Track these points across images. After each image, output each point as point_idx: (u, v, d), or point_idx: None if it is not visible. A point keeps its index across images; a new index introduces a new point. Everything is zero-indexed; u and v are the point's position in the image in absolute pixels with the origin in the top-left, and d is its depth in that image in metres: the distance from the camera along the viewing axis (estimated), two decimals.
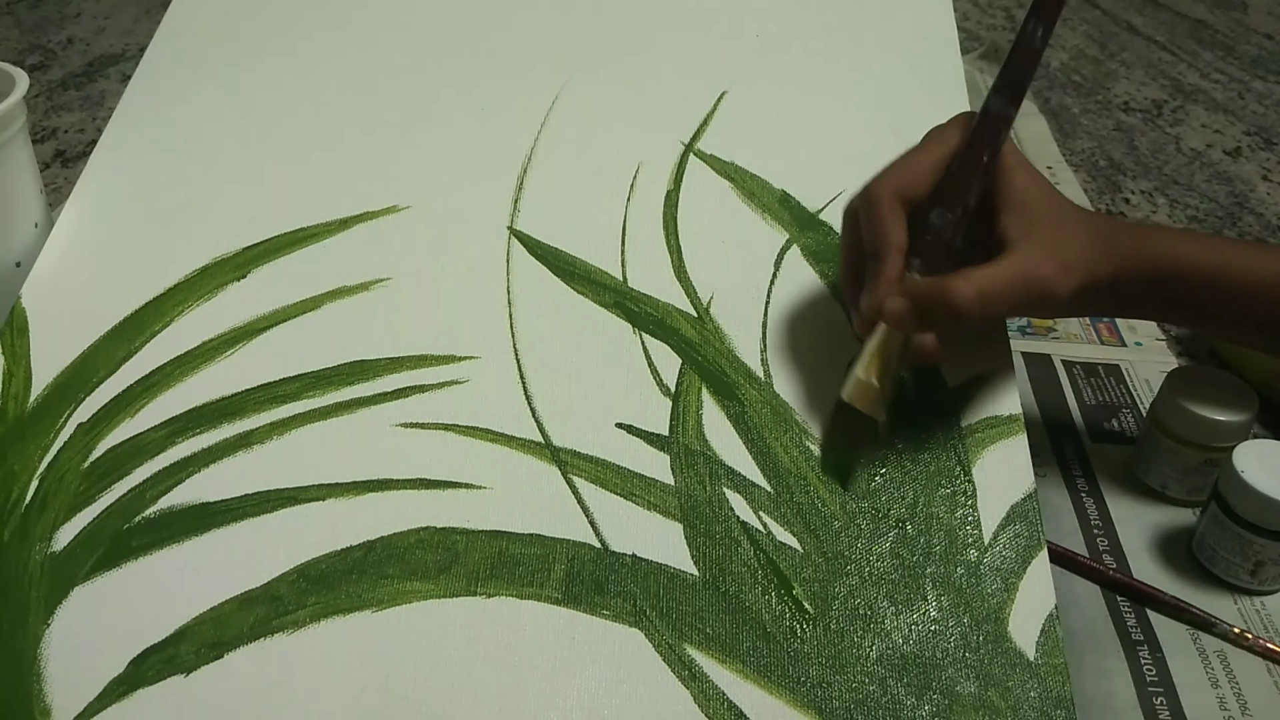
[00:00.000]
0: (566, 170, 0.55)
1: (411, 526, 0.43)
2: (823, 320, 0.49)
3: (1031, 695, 0.39)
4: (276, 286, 0.50)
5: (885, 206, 0.44)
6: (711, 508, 0.43)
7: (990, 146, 0.44)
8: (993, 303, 0.42)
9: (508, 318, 0.49)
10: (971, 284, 0.42)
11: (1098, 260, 0.45)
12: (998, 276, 0.43)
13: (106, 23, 1.16)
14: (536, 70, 0.59)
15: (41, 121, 0.97)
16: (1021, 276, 0.43)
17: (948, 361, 0.45)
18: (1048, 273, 0.43)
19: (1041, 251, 0.43)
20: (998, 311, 0.43)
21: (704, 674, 0.39)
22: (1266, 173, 0.93)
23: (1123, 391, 0.67)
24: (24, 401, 0.46)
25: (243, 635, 0.40)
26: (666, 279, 0.50)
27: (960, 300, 0.42)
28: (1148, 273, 0.47)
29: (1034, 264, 0.43)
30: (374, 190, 0.54)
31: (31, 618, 0.41)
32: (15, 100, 0.57)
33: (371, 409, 0.46)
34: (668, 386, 0.47)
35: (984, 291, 0.42)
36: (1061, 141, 0.96)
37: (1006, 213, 0.44)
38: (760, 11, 0.63)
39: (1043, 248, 0.44)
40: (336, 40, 0.62)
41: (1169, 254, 0.47)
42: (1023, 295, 0.43)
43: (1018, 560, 0.42)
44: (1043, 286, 0.43)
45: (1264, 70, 1.10)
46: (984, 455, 0.45)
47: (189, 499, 0.44)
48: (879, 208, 0.44)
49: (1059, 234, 0.44)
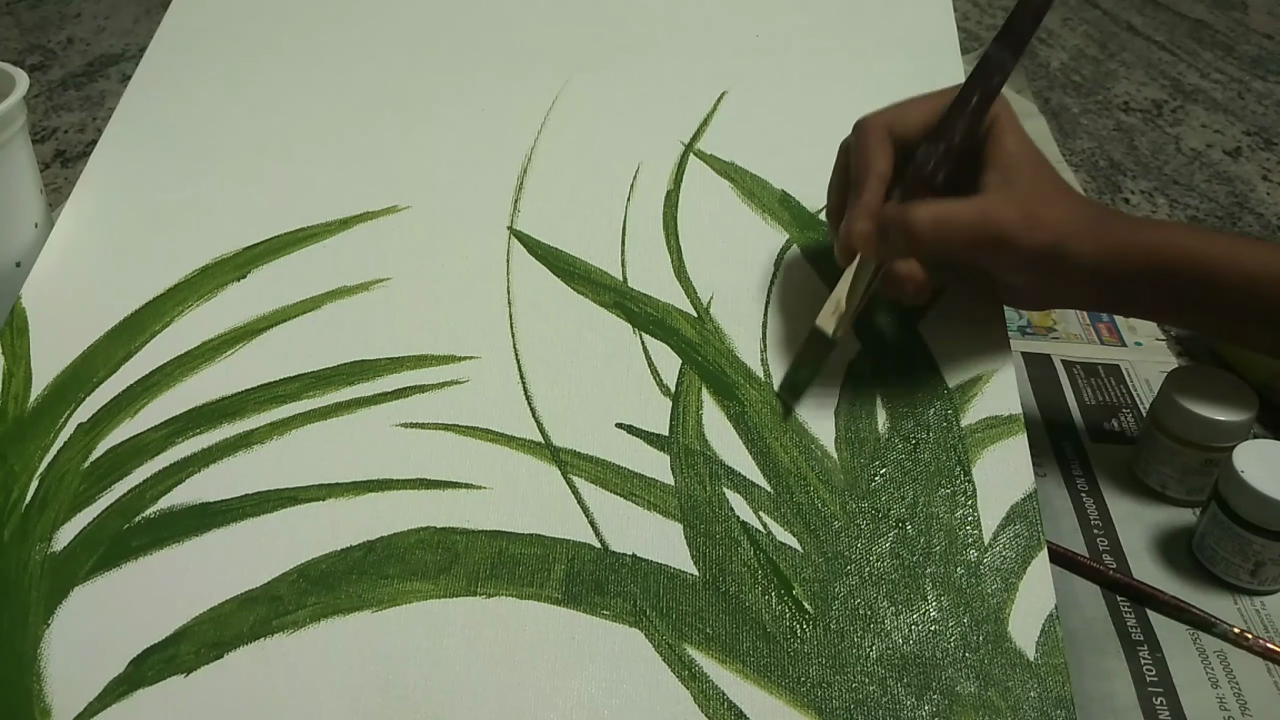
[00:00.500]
0: (566, 170, 0.55)
1: (411, 526, 0.43)
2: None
3: (1031, 695, 0.39)
4: (276, 286, 0.50)
5: (872, 136, 0.46)
6: (711, 508, 0.43)
7: (982, 90, 0.46)
8: (948, 232, 0.44)
9: (508, 318, 0.49)
10: (928, 210, 0.44)
11: (1077, 235, 0.45)
12: (957, 209, 0.44)
13: (106, 23, 1.16)
14: (536, 70, 0.59)
15: (41, 121, 0.97)
16: (980, 214, 0.44)
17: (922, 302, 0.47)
18: (1007, 216, 0.44)
19: (1009, 199, 0.45)
20: (952, 242, 0.44)
21: (704, 674, 0.39)
22: (1266, 173, 0.93)
23: (1123, 391, 0.67)
24: (24, 401, 0.47)
25: (243, 635, 0.40)
26: (666, 279, 0.50)
27: (915, 223, 0.43)
28: (1140, 262, 0.46)
29: (995, 206, 0.45)
30: (374, 190, 0.54)
31: (31, 618, 0.41)
32: (15, 100, 0.57)
33: (371, 409, 0.46)
34: (668, 386, 0.47)
35: (940, 219, 0.44)
36: (1061, 141, 0.96)
37: (989, 170, 0.46)
38: (760, 11, 0.63)
39: (1013, 196, 0.45)
40: (336, 40, 0.62)
41: (1159, 243, 0.47)
42: (978, 231, 0.44)
43: (1018, 560, 0.42)
44: (1001, 229, 0.44)
45: (1264, 70, 1.10)
46: (984, 455, 0.45)
47: (189, 499, 0.44)
48: (866, 136, 0.46)
49: (1033, 192, 0.45)
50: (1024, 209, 0.44)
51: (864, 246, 0.45)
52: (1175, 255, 0.47)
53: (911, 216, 0.44)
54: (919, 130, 0.46)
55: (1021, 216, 0.44)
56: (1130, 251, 0.46)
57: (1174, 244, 0.47)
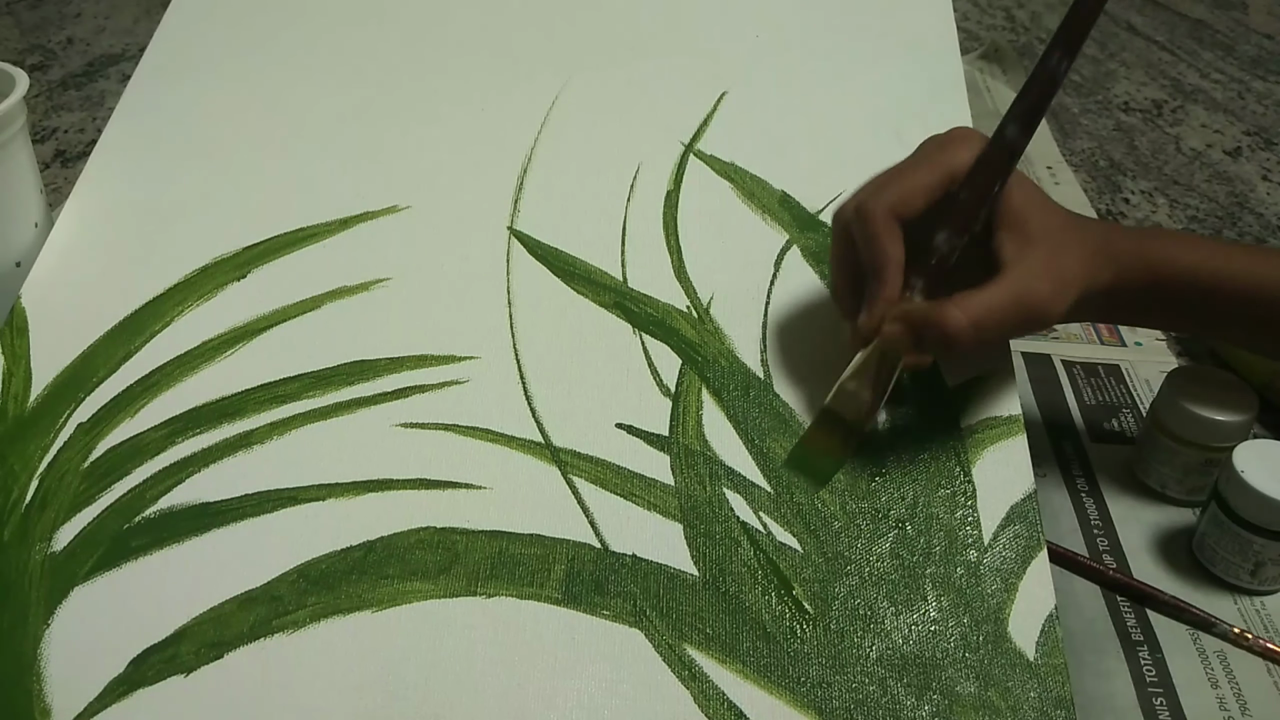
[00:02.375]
0: (566, 170, 0.55)
1: (411, 526, 0.43)
2: (823, 320, 0.49)
3: (1031, 695, 0.39)
4: (276, 286, 0.50)
5: (881, 223, 0.43)
6: (711, 508, 0.43)
7: (1002, 177, 0.44)
8: (986, 329, 0.42)
9: (508, 318, 0.49)
10: (965, 311, 0.42)
11: (1095, 271, 0.45)
12: (992, 301, 0.42)
13: (106, 23, 1.16)
14: (536, 70, 0.59)
15: (41, 121, 0.97)
16: (1015, 300, 0.43)
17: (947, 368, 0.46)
18: (1042, 294, 0.43)
19: (1036, 271, 0.43)
20: (992, 337, 0.43)
21: (704, 674, 0.39)
22: (1266, 173, 0.93)
23: (1123, 391, 0.67)
24: (24, 401, 0.47)
25: (243, 635, 0.40)
26: (666, 279, 0.50)
27: (953, 328, 0.42)
28: (1145, 279, 0.47)
29: (1028, 286, 0.43)
30: (374, 190, 0.54)
31: (31, 618, 0.41)
32: (15, 100, 0.57)
33: (371, 409, 0.46)
34: (668, 386, 0.47)
35: (978, 318, 0.42)
36: (1061, 141, 0.96)
37: (1002, 230, 0.44)
38: (760, 11, 0.63)
39: (1038, 267, 0.43)
40: (336, 40, 0.62)
41: (1166, 259, 0.47)
42: (1017, 318, 0.43)
43: (1018, 560, 0.42)
44: (1037, 308, 0.43)
45: (1264, 70, 1.10)
46: (984, 455, 0.45)
47: (189, 499, 0.44)
48: (875, 223, 0.43)
49: (1055, 251, 0.44)
50: (1052, 278, 0.43)
51: (895, 347, 0.43)
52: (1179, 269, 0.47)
53: (948, 319, 0.42)
54: (922, 209, 0.44)
55: (1053, 288, 0.43)
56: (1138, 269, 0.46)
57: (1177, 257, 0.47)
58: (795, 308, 0.49)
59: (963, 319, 0.42)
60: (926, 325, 0.42)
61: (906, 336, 0.42)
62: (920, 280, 0.43)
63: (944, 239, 0.44)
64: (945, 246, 0.44)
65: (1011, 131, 0.44)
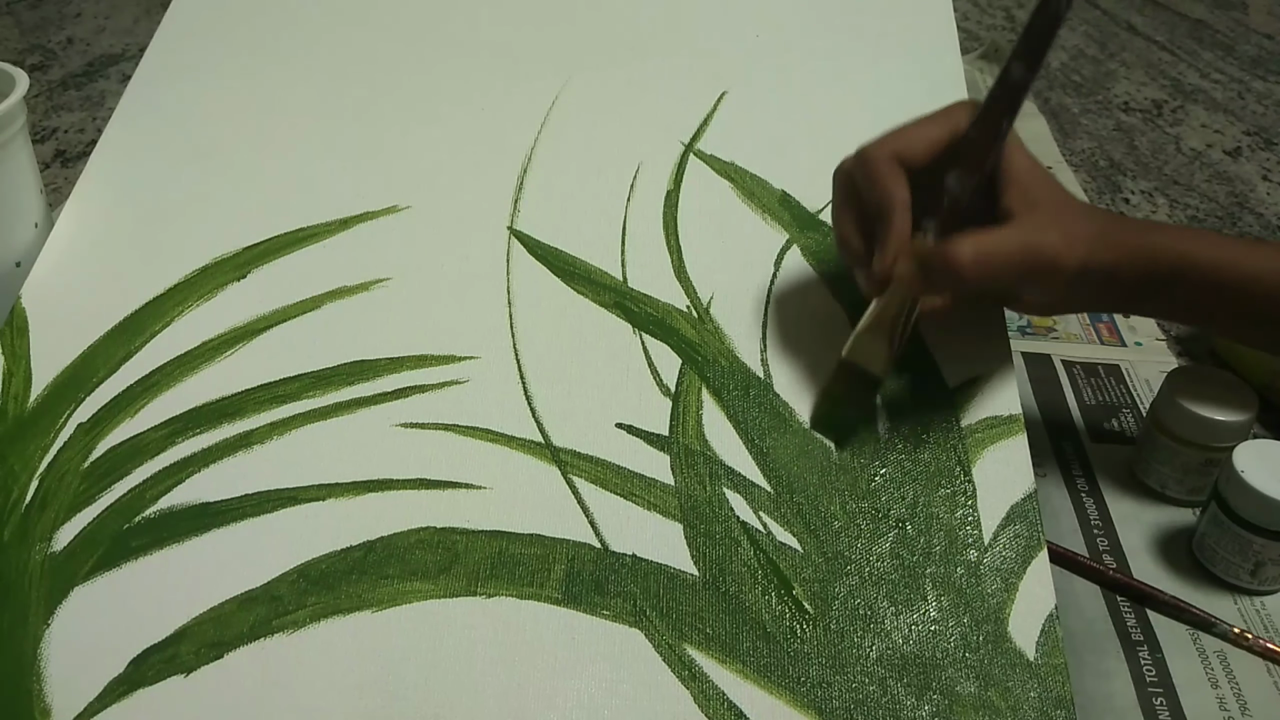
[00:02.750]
0: (566, 170, 0.55)
1: (411, 526, 0.43)
2: (823, 320, 0.49)
3: (1031, 695, 0.39)
4: (276, 286, 0.50)
5: (884, 164, 0.44)
6: (711, 508, 0.43)
7: (1009, 113, 0.45)
8: (994, 266, 0.43)
9: (508, 318, 0.49)
10: (974, 246, 0.42)
11: (1099, 246, 0.45)
12: (1001, 240, 0.43)
13: (106, 23, 1.16)
14: (536, 70, 0.59)
15: (41, 121, 0.97)
16: (1024, 242, 0.43)
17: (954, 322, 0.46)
18: (1051, 240, 0.43)
19: (1045, 223, 0.44)
20: (999, 276, 0.43)
21: (704, 674, 0.39)
22: (1266, 173, 0.93)
23: (1123, 391, 0.67)
24: (24, 401, 0.47)
25: (243, 635, 0.40)
26: (666, 279, 0.50)
27: (962, 261, 0.42)
28: (1147, 267, 0.47)
29: (1038, 231, 0.44)
30: (374, 190, 0.54)
31: (31, 618, 0.41)
32: (15, 100, 0.57)
33: (371, 409, 0.46)
34: (668, 386, 0.47)
35: (985, 253, 0.42)
36: (1061, 141, 0.96)
37: (1009, 188, 0.45)
38: (760, 11, 0.63)
39: (1047, 219, 0.44)
40: (336, 40, 0.62)
41: (1170, 249, 0.47)
42: (1025, 260, 0.43)
43: (1018, 560, 0.42)
44: (1046, 253, 0.43)
45: (1264, 70, 1.10)
46: (984, 455, 0.45)
47: (189, 499, 0.44)
48: (877, 165, 0.44)
49: (1060, 213, 0.45)
50: (1061, 228, 0.44)
51: (908, 286, 0.44)
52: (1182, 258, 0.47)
53: (956, 253, 0.42)
54: (925, 157, 0.45)
55: (1062, 238, 0.44)
56: (1141, 257, 0.46)
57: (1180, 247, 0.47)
58: (795, 307, 0.49)
59: (970, 251, 0.42)
60: (934, 260, 0.43)
61: (919, 275, 0.43)
62: (933, 222, 0.44)
63: (955, 178, 0.44)
64: (957, 186, 0.44)
65: (1016, 69, 0.45)
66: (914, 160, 0.44)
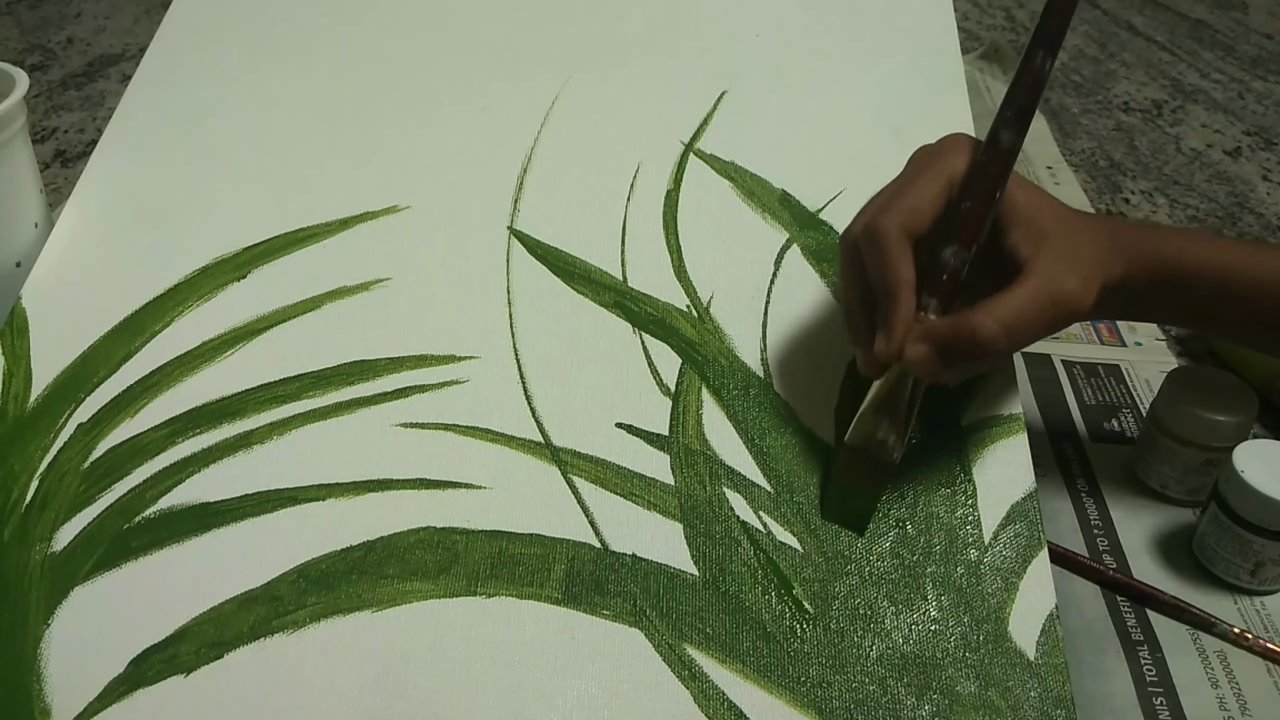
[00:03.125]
0: (566, 170, 0.55)
1: (411, 526, 0.43)
2: (823, 320, 0.49)
3: (1031, 695, 0.39)
4: (276, 286, 0.50)
5: (893, 244, 0.42)
6: (711, 508, 0.43)
7: (1001, 183, 0.43)
8: (1019, 331, 0.41)
9: (508, 318, 0.49)
10: (995, 317, 0.40)
11: (1109, 263, 0.45)
12: (1021, 303, 0.41)
13: (106, 23, 1.16)
14: (536, 70, 0.59)
15: (41, 121, 0.97)
16: (1048, 298, 0.41)
17: None
18: (1072, 288, 0.42)
19: (1060, 267, 0.42)
20: (1026, 339, 0.42)
21: (704, 674, 0.39)
22: (1266, 173, 0.93)
23: (1123, 391, 0.67)
24: (24, 401, 0.47)
25: (243, 635, 0.40)
26: (666, 279, 0.50)
27: (987, 336, 0.40)
28: (1151, 272, 0.46)
29: (1057, 282, 0.42)
30: (374, 190, 0.54)
31: (31, 618, 0.41)
32: (15, 100, 0.57)
33: (371, 409, 0.46)
34: (668, 386, 0.47)
35: (1009, 323, 0.41)
36: (1061, 141, 0.96)
37: (1015, 230, 0.43)
38: (760, 11, 0.63)
39: (1061, 262, 0.42)
40: (336, 40, 0.62)
41: (1172, 253, 0.47)
42: (1049, 316, 0.42)
43: (1018, 560, 0.42)
44: (1069, 303, 0.42)
45: (1264, 70, 1.10)
46: (984, 455, 0.45)
47: (189, 499, 0.44)
48: (886, 245, 0.42)
49: (1072, 244, 0.43)
50: (1077, 272, 0.42)
51: (922, 370, 0.41)
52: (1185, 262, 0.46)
53: (980, 329, 0.40)
54: (930, 223, 0.43)
55: (1080, 282, 0.42)
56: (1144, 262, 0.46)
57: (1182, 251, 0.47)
58: (795, 307, 0.49)
59: (993, 324, 0.40)
60: (956, 339, 0.41)
61: (933, 356, 0.41)
62: (933, 299, 0.42)
63: (952, 254, 0.42)
64: (955, 261, 0.42)
65: (1006, 136, 0.44)
66: (920, 231, 0.42)
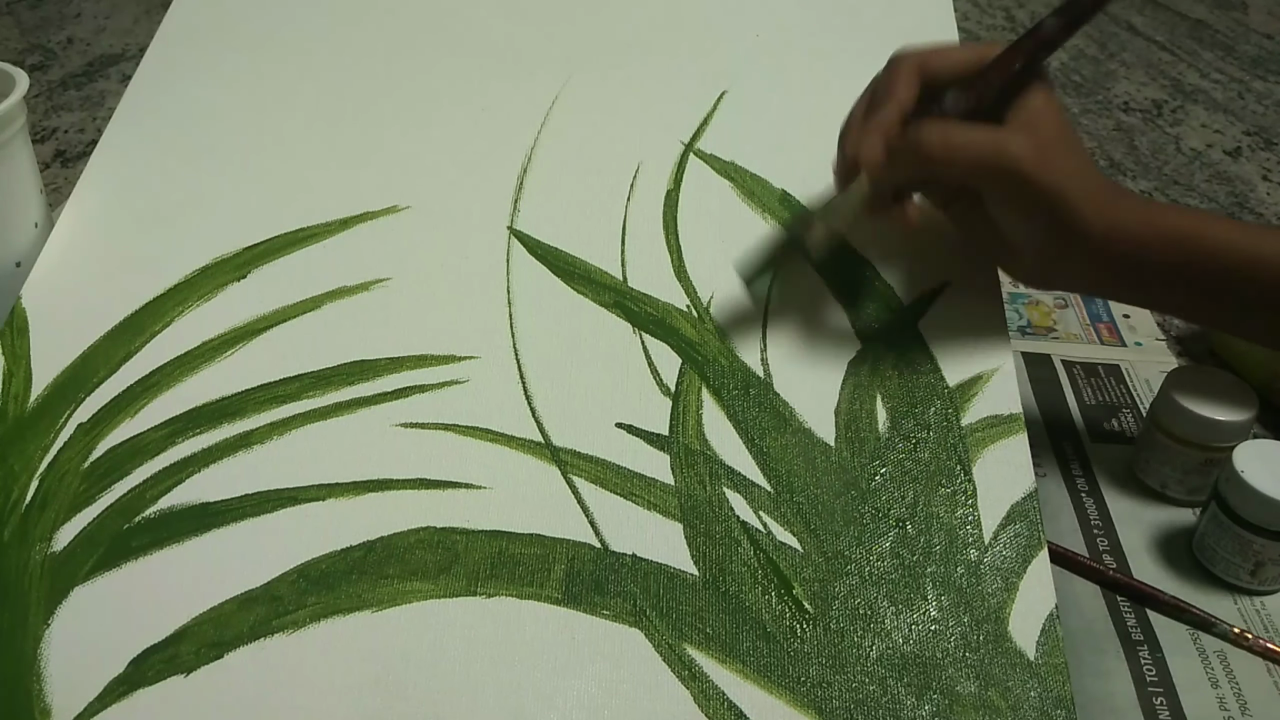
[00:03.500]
0: (566, 170, 0.55)
1: (411, 526, 0.43)
2: (823, 320, 0.49)
3: (1031, 695, 0.39)
4: (276, 286, 0.50)
5: (903, 68, 0.46)
6: (711, 508, 0.43)
7: (1025, 57, 0.45)
8: (956, 152, 0.44)
9: (508, 318, 0.49)
10: (940, 128, 0.44)
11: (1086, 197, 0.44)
12: (970, 131, 0.44)
13: (106, 23, 1.16)
14: (536, 70, 0.59)
15: (41, 121, 0.97)
16: (993, 141, 0.44)
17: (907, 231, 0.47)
18: (1020, 149, 0.43)
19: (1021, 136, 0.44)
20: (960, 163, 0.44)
21: (704, 674, 0.39)
22: (1266, 173, 0.93)
23: (1123, 391, 0.67)
24: (24, 401, 0.47)
25: (243, 635, 0.40)
26: (666, 279, 0.50)
27: (924, 139, 0.44)
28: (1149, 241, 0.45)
29: (1008, 137, 0.44)
30: (374, 190, 0.54)
31: (31, 618, 0.41)
32: (15, 100, 0.57)
33: (371, 409, 0.46)
34: (668, 386, 0.47)
35: (949, 137, 0.44)
36: None
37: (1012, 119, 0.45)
38: (760, 11, 0.63)
39: (1026, 136, 0.44)
40: (336, 40, 0.62)
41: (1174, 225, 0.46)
42: (988, 158, 0.44)
43: (1018, 560, 0.42)
44: (1010, 158, 0.43)
45: (1264, 70, 1.10)
46: (984, 455, 0.45)
47: (189, 499, 0.44)
48: (897, 68, 0.46)
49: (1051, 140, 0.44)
50: (1038, 147, 0.44)
51: (869, 165, 0.44)
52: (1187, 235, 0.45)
53: (921, 132, 0.44)
54: (951, 75, 0.46)
55: (1034, 151, 0.43)
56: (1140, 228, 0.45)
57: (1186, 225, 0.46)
58: (795, 307, 0.49)
59: (935, 134, 0.44)
60: (903, 141, 0.44)
61: (881, 153, 0.44)
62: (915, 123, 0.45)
63: (952, 96, 0.45)
64: (949, 102, 0.45)
65: (1049, 22, 0.45)
66: (938, 74, 0.46)
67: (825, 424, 0.46)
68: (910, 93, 0.45)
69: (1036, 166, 0.43)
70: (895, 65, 0.46)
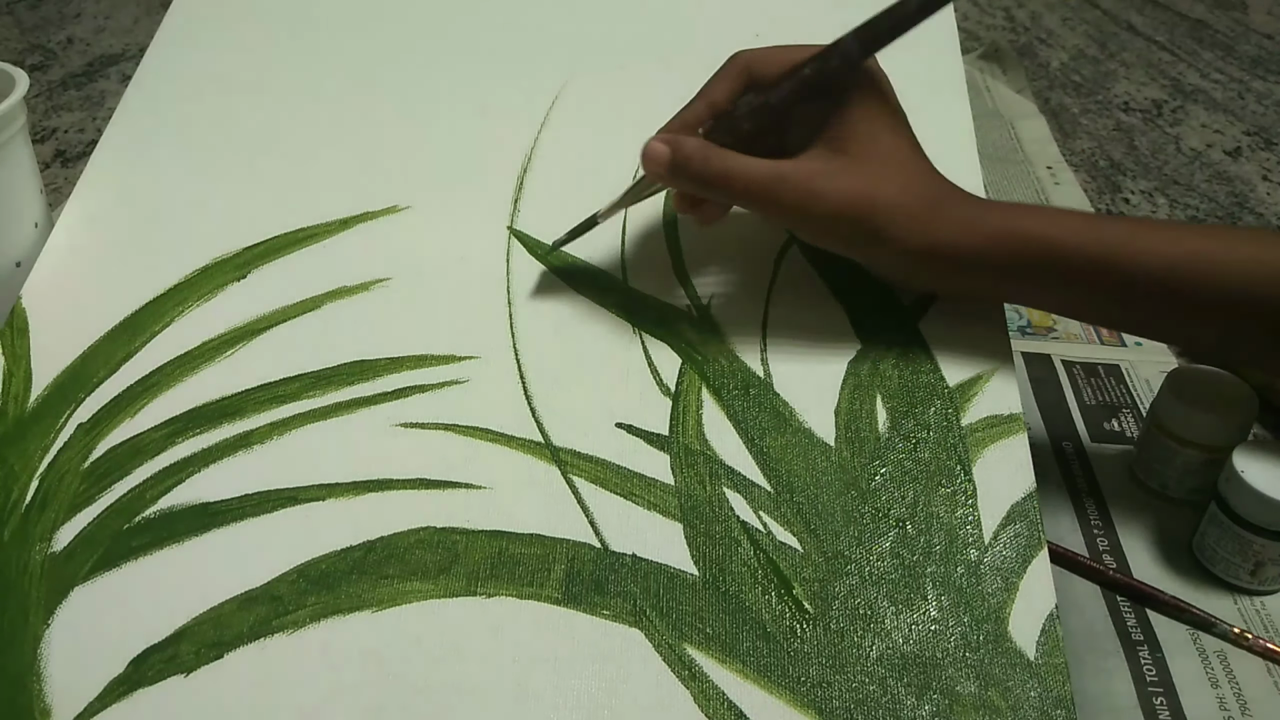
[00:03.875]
0: (566, 170, 0.55)
1: (411, 526, 0.43)
2: (823, 320, 0.49)
3: (1031, 695, 0.39)
4: (276, 286, 0.50)
5: (728, 68, 0.47)
6: (711, 508, 0.43)
7: (815, 64, 0.45)
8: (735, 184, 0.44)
9: (507, 318, 0.49)
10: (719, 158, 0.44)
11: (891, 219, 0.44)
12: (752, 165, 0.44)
13: (107, 23, 1.16)
14: (536, 70, 0.59)
15: (41, 121, 0.97)
16: (773, 169, 0.44)
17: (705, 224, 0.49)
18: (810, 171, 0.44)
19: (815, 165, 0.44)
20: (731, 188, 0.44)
21: (704, 674, 0.39)
22: (1266, 173, 0.93)
23: (1123, 391, 0.67)
24: (24, 401, 0.47)
25: (243, 635, 0.40)
26: (666, 279, 0.50)
27: (679, 152, 0.44)
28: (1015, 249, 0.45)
29: (794, 165, 0.44)
30: (374, 190, 0.54)
31: (31, 618, 0.41)
32: (15, 100, 0.57)
33: (371, 409, 0.46)
34: (668, 386, 0.47)
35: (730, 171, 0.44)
36: (1061, 141, 0.96)
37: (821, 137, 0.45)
38: (760, 11, 0.62)
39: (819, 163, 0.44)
40: (336, 40, 0.62)
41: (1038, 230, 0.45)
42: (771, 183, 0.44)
43: (1018, 560, 0.42)
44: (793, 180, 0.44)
45: (1264, 70, 1.10)
46: (984, 454, 0.45)
47: (189, 499, 0.44)
48: (725, 66, 0.47)
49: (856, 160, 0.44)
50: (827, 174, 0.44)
51: (650, 165, 0.45)
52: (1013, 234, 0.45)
53: (679, 146, 0.44)
54: (774, 77, 0.46)
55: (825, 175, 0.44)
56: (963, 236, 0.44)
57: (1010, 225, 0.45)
58: (795, 307, 0.49)
59: (692, 151, 0.44)
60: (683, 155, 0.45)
61: (665, 160, 0.45)
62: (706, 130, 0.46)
63: (747, 97, 0.46)
64: (742, 103, 0.46)
65: (846, 38, 0.46)
66: (764, 75, 0.46)
67: (825, 424, 0.46)
68: (724, 94, 0.46)
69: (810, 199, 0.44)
70: (726, 63, 0.47)
